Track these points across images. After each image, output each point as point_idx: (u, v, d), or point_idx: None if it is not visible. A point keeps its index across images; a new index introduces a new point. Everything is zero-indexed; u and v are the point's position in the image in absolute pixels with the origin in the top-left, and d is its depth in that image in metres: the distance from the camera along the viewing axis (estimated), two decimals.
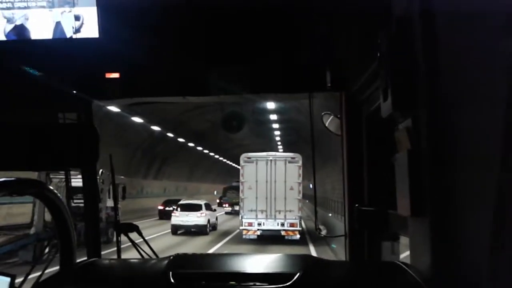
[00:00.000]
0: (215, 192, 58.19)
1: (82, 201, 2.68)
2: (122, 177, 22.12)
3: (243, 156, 21.71)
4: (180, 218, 25.43)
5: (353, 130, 2.48)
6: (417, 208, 1.45)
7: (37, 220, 14.97)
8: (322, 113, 2.90)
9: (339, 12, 2.18)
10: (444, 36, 1.36)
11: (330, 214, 21.87)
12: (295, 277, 1.56)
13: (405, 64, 1.48)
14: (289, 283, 1.54)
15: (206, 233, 25.14)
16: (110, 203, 17.97)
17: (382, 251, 2.33)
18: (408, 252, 1.72)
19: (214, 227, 27.13)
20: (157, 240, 19.73)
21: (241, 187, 21.80)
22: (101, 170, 14.12)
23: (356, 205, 2.33)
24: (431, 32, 1.39)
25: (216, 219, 28.20)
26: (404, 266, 1.65)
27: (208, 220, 26.08)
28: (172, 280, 1.59)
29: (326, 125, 2.89)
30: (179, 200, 30.09)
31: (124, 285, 1.67)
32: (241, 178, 21.77)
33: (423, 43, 1.42)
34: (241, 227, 21.61)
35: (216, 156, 51.17)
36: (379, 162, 2.24)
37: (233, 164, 53.97)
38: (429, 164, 1.42)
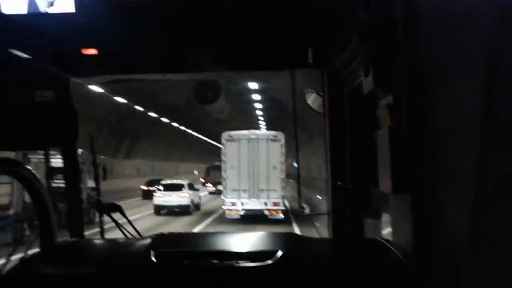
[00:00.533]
0: (196, 172, 56.24)
1: (62, 181, 2.64)
2: (103, 157, 21.82)
3: (225, 135, 21.44)
4: (162, 198, 25.32)
5: (335, 108, 2.47)
6: (398, 185, 1.46)
7: (16, 201, 14.74)
8: (305, 91, 2.89)
9: None
10: (425, 12, 1.35)
11: (318, 197, 21.87)
12: (277, 255, 1.57)
13: (386, 40, 1.46)
14: (271, 260, 1.54)
15: (189, 213, 25.05)
16: (90, 183, 17.25)
17: (364, 228, 2.35)
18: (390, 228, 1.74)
19: (197, 206, 27.08)
20: (140, 221, 19.67)
21: (223, 166, 21.57)
22: (81, 150, 13.85)
23: (339, 182, 2.33)
24: (413, 7, 1.38)
25: (200, 198, 28.18)
26: (385, 242, 1.67)
27: (191, 200, 26.03)
28: (154, 260, 1.58)
29: (309, 103, 2.88)
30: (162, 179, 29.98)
31: (104, 265, 1.66)
32: (222, 157, 21.56)
33: (404, 19, 1.41)
34: (223, 207, 21.55)
35: (195, 134, 47.93)
36: (361, 139, 2.24)
37: (213, 142, 51.16)
38: (410, 141, 1.42)
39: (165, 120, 36.01)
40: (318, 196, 21.46)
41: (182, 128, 41.88)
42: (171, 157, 50.53)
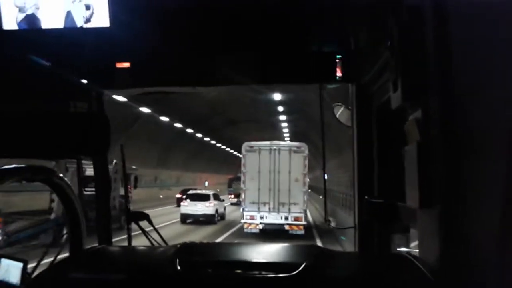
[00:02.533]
0: (206, 184, 49.35)
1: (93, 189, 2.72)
2: (134, 167, 22.32)
3: (245, 145, 20.76)
4: (189, 207, 26.19)
5: (364, 122, 2.47)
6: (425, 200, 1.45)
7: (57, 206, 15.59)
8: (333, 104, 2.89)
9: (350, 2, 2.16)
10: (456, 26, 1.35)
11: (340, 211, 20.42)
12: (301, 267, 1.57)
13: (415, 55, 1.46)
14: (295, 272, 1.54)
15: (214, 223, 25.69)
16: (122, 191, 18.76)
17: (391, 242, 2.33)
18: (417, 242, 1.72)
19: (222, 216, 27.77)
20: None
21: (242, 178, 20.84)
22: (114, 161, 14.61)
23: (366, 196, 2.32)
24: (443, 21, 1.37)
25: (224, 209, 28.89)
26: (412, 258, 1.65)
27: (216, 210, 26.78)
28: (179, 268, 1.61)
29: (337, 116, 2.89)
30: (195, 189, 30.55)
31: (130, 271, 1.69)
32: (242, 168, 20.79)
33: (434, 33, 1.41)
34: (242, 220, 20.75)
35: (199, 135, 39.32)
36: (389, 153, 2.23)
37: (231, 151, 45.92)
38: (438, 156, 1.41)
39: (145, 110, 27.71)
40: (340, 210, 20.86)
41: (178, 125, 33.38)
42: (169, 164, 40.64)
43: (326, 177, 4.47)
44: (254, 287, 1.57)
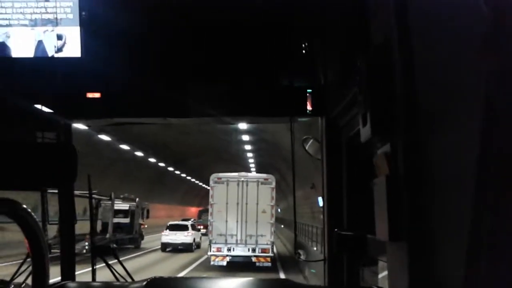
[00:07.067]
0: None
1: (122, 219, 2.69)
2: (146, 203, 27.86)
3: (213, 177, 20.81)
4: (169, 237, 28.86)
5: (333, 154, 2.50)
6: (395, 233, 1.46)
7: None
8: (303, 137, 2.93)
9: (320, 38, 2.21)
10: (422, 62, 1.39)
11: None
12: None
13: (384, 90, 1.50)
14: None
15: (191, 250, 28.38)
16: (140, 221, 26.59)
17: (360, 276, 2.33)
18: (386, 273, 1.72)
19: (198, 245, 30.62)
20: None
21: (210, 210, 20.80)
22: (137, 199, 17.03)
23: (336, 229, 2.33)
24: (409, 57, 1.42)
25: (200, 238, 31.52)
26: None
27: (194, 239, 29.82)
28: None
29: (306, 148, 2.91)
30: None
31: None
32: (210, 199, 20.75)
33: (401, 69, 1.45)
34: (209, 253, 20.48)
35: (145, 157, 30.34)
36: (358, 186, 2.25)
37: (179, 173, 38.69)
38: (407, 190, 1.43)
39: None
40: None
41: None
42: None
43: (295, 211, 4.41)
44: None
